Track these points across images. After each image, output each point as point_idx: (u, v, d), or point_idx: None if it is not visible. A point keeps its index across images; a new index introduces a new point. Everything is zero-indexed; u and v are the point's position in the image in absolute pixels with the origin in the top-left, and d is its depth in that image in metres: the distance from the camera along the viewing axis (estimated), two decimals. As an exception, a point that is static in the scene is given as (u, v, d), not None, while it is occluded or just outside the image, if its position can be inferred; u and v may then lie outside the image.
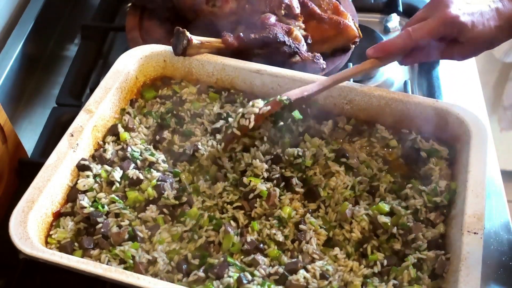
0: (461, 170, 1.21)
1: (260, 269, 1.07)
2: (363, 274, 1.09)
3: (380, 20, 1.81)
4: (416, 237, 1.13)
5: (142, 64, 1.39)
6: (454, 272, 1.04)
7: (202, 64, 1.39)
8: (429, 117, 1.30)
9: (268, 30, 1.43)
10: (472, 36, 1.24)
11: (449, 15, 1.22)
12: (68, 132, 1.21)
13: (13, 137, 1.30)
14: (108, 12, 1.81)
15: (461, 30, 1.23)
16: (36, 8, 1.71)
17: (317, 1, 1.59)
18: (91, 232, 1.13)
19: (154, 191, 1.17)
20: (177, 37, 1.36)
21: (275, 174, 1.21)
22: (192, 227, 1.14)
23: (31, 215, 1.07)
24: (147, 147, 1.28)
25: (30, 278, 1.17)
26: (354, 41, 1.54)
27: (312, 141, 1.29)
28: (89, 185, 1.18)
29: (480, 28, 1.23)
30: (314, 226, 1.15)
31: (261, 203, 1.17)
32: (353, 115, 1.35)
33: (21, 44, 1.61)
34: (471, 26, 1.22)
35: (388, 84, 1.60)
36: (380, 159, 1.29)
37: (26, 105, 1.60)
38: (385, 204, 1.17)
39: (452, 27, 1.23)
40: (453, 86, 1.62)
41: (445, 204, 1.18)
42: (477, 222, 1.08)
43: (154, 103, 1.38)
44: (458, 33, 1.24)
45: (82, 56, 1.64)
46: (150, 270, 1.08)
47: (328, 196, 1.21)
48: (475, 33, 1.23)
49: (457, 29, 1.23)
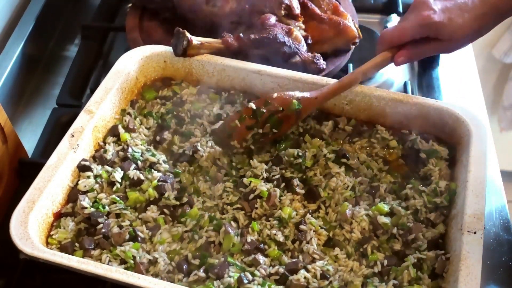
0: (461, 170, 1.21)
1: (261, 269, 1.08)
2: (363, 274, 1.09)
3: (380, 21, 1.81)
4: (416, 237, 1.13)
5: (143, 64, 1.39)
6: (454, 272, 1.04)
7: (202, 64, 1.40)
8: (429, 117, 1.31)
9: (268, 31, 1.43)
10: (453, 32, 1.24)
11: (422, 16, 1.24)
12: (69, 132, 1.21)
13: (13, 137, 1.30)
14: (108, 12, 1.81)
15: (438, 29, 1.24)
16: (36, 9, 1.71)
17: (317, 2, 1.59)
18: (91, 232, 1.13)
19: (154, 192, 1.17)
20: (177, 37, 1.37)
21: (276, 175, 1.22)
22: (192, 228, 1.15)
23: (32, 215, 1.07)
24: (148, 148, 1.28)
25: (30, 278, 1.17)
26: (354, 41, 1.55)
27: (313, 141, 1.29)
28: (90, 185, 1.18)
29: (459, 22, 1.23)
30: (315, 227, 1.15)
31: (261, 203, 1.17)
32: (353, 115, 1.35)
33: (21, 45, 1.61)
34: (448, 22, 1.23)
35: (388, 84, 1.60)
36: (380, 159, 1.29)
37: (27, 106, 1.60)
38: (385, 204, 1.18)
39: (427, 28, 1.24)
40: (453, 86, 1.62)
41: (445, 204, 1.18)
42: (477, 222, 1.08)
43: (154, 103, 1.38)
44: (436, 33, 1.25)
45: (82, 56, 1.64)
46: (150, 270, 1.08)
47: (328, 197, 1.21)
48: (455, 28, 1.23)
49: (433, 29, 1.24)
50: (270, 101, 1.24)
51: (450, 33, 1.24)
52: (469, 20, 1.23)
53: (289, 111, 1.24)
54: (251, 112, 1.23)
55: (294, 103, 1.24)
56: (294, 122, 1.28)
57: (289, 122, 1.26)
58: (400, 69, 1.65)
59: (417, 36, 1.27)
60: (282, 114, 1.24)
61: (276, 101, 1.24)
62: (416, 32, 1.26)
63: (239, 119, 1.24)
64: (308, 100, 1.26)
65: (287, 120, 1.25)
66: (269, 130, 1.25)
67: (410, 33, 1.27)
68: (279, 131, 1.26)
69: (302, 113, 1.26)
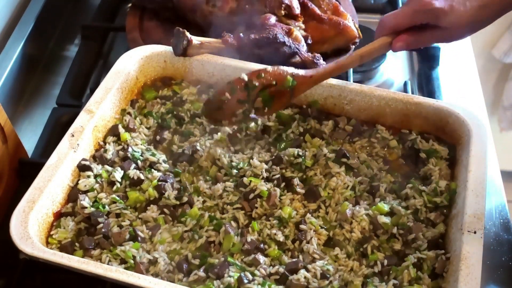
0: (461, 170, 1.21)
1: (261, 269, 1.08)
2: (363, 273, 1.09)
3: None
4: (416, 237, 1.13)
5: (143, 64, 1.39)
6: (454, 271, 1.04)
7: (202, 64, 1.40)
8: (429, 117, 1.31)
9: (268, 31, 1.43)
10: (454, 19, 1.21)
11: (422, 2, 1.21)
12: (69, 132, 1.21)
13: (13, 137, 1.30)
14: (108, 12, 1.81)
15: (438, 16, 1.21)
16: (36, 9, 1.71)
17: (317, 2, 1.59)
18: (91, 232, 1.13)
19: (155, 191, 1.17)
20: (177, 37, 1.37)
21: (276, 174, 1.22)
22: (192, 227, 1.15)
23: (32, 215, 1.07)
24: (148, 147, 1.28)
25: (30, 278, 1.17)
26: (354, 41, 1.54)
27: (313, 141, 1.29)
28: (90, 185, 1.18)
29: (461, 9, 1.20)
30: (315, 226, 1.15)
31: (261, 203, 1.17)
32: (354, 115, 1.35)
33: (21, 45, 1.61)
34: (449, 9, 1.20)
35: (388, 84, 1.60)
36: (381, 159, 1.29)
37: (27, 105, 1.60)
38: (385, 204, 1.18)
39: (426, 14, 1.21)
40: (453, 86, 1.62)
41: (445, 204, 1.18)
42: (477, 222, 1.08)
43: (154, 103, 1.38)
44: (436, 19, 1.22)
45: (82, 56, 1.65)
46: (150, 270, 1.08)
47: (329, 196, 1.21)
48: (457, 16, 1.20)
49: (433, 16, 1.21)
50: (263, 74, 1.20)
51: (450, 20, 1.21)
52: (471, 9, 1.20)
53: (282, 87, 1.21)
54: (243, 83, 1.20)
55: (289, 79, 1.21)
56: (287, 100, 1.24)
57: (281, 100, 1.23)
58: (400, 69, 1.65)
59: (417, 21, 1.24)
60: (274, 89, 1.20)
61: (270, 75, 1.21)
62: (416, 17, 1.23)
63: (229, 90, 1.21)
64: (303, 78, 1.24)
65: (279, 96, 1.22)
66: (260, 105, 1.22)
67: (410, 19, 1.24)
68: (270, 108, 1.23)
69: (296, 91, 1.23)
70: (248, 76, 1.21)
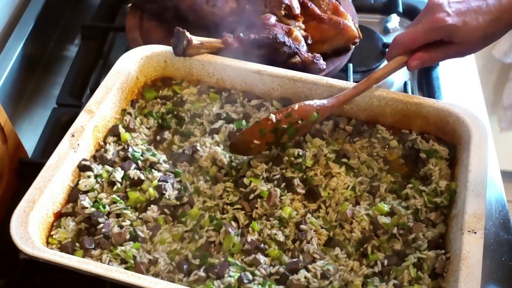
0: (462, 170, 1.21)
1: (261, 268, 1.08)
2: (363, 273, 1.09)
3: (380, 21, 1.81)
4: (417, 237, 1.13)
5: (143, 64, 1.39)
6: (454, 271, 1.04)
7: (202, 64, 1.40)
8: (429, 117, 1.31)
9: (268, 31, 1.43)
10: (467, 34, 1.22)
11: (435, 19, 1.22)
12: (69, 132, 1.21)
13: (14, 137, 1.30)
14: (108, 12, 1.81)
15: (452, 32, 1.22)
16: (36, 9, 1.71)
17: (317, 2, 1.59)
18: (92, 232, 1.13)
19: (155, 192, 1.17)
20: (177, 37, 1.37)
21: (276, 174, 1.22)
22: (193, 227, 1.15)
23: (32, 215, 1.07)
24: (148, 147, 1.28)
25: (30, 278, 1.17)
26: (354, 41, 1.55)
27: (313, 141, 1.29)
28: (90, 185, 1.18)
29: (474, 24, 1.21)
30: (315, 226, 1.15)
31: (261, 203, 1.17)
32: (354, 115, 1.35)
33: (21, 45, 1.61)
34: (463, 25, 1.21)
35: (388, 84, 1.60)
36: (381, 159, 1.29)
37: (27, 105, 1.60)
38: (385, 204, 1.18)
39: (440, 31, 1.23)
40: (453, 86, 1.62)
41: (445, 204, 1.18)
42: (477, 222, 1.08)
43: (154, 103, 1.38)
44: (450, 36, 1.23)
45: (82, 56, 1.64)
46: (151, 270, 1.08)
47: (329, 196, 1.21)
48: (469, 31, 1.22)
49: (447, 32, 1.22)
50: (291, 112, 1.22)
51: (464, 36, 1.22)
52: (484, 24, 1.22)
53: (307, 122, 1.24)
54: (271, 126, 1.21)
55: (314, 115, 1.24)
56: (308, 130, 1.28)
57: (303, 131, 1.27)
58: (400, 69, 1.65)
59: (431, 39, 1.25)
60: (300, 125, 1.23)
61: (297, 113, 1.22)
62: (430, 35, 1.24)
63: (258, 133, 1.21)
64: (325, 108, 1.26)
65: (302, 129, 1.25)
66: (286, 140, 1.24)
67: (424, 36, 1.25)
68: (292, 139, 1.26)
69: (317, 120, 1.27)
70: (276, 118, 1.21)
